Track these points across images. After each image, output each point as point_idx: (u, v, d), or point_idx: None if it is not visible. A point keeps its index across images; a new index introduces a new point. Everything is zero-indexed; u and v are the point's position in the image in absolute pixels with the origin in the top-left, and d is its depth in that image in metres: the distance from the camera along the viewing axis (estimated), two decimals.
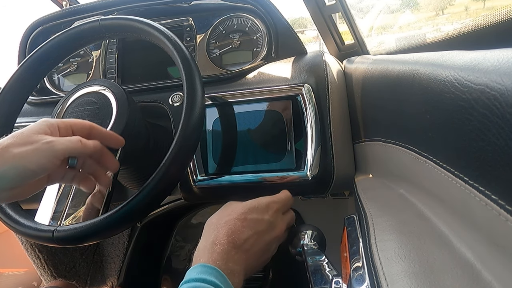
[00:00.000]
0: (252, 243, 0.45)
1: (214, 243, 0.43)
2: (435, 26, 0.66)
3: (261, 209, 0.48)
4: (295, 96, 0.65)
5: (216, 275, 0.39)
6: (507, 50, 0.24)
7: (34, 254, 0.91)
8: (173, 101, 0.70)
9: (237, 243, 0.43)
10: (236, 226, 0.45)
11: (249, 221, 0.46)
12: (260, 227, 0.47)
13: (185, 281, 0.39)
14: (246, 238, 0.45)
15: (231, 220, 0.46)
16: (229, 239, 0.43)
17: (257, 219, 0.47)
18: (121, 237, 1.10)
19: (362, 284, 0.35)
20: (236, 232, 0.44)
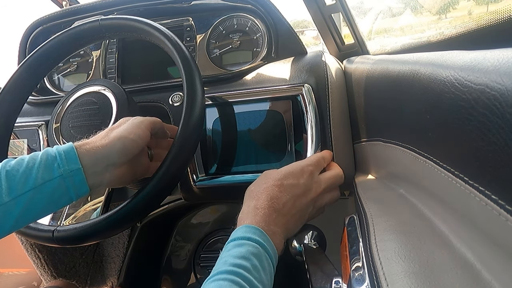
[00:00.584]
0: (290, 207, 0.48)
1: (256, 207, 0.46)
2: (438, 29, 0.66)
3: (296, 174, 0.51)
4: (295, 96, 0.65)
5: (259, 234, 0.42)
6: (507, 50, 0.24)
7: (34, 254, 0.91)
8: (173, 101, 0.70)
9: (276, 207, 0.47)
10: (274, 192, 0.48)
11: (285, 186, 0.49)
12: (296, 191, 0.49)
13: (231, 240, 0.42)
14: (284, 202, 0.48)
15: (269, 187, 0.49)
16: (269, 203, 0.47)
17: (293, 184, 0.50)
18: (121, 237, 1.10)
19: (362, 284, 0.35)
20: (275, 197, 0.48)
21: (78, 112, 0.63)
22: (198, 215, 1.16)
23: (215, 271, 0.38)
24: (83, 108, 0.63)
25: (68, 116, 0.64)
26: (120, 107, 0.61)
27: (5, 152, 0.58)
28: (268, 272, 0.40)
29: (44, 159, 0.45)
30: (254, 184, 0.53)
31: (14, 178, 0.42)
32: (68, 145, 0.46)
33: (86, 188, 0.46)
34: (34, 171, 0.43)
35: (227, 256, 0.39)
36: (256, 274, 0.38)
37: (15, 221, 0.43)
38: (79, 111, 0.63)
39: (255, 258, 0.39)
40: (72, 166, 0.45)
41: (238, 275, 0.36)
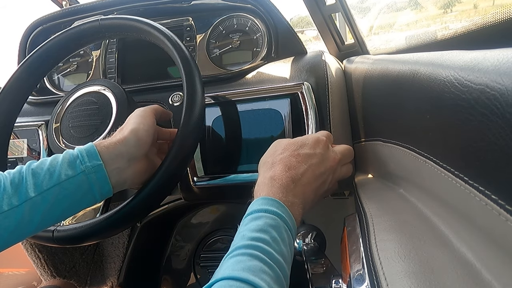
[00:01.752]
0: (309, 177, 0.47)
1: (273, 178, 0.45)
2: (444, 24, 0.66)
3: (312, 144, 0.50)
4: (294, 95, 0.65)
5: (277, 206, 0.41)
6: (507, 50, 0.24)
7: (34, 254, 0.91)
8: (173, 101, 0.70)
9: (295, 177, 0.45)
10: (291, 162, 0.47)
11: (302, 156, 0.48)
12: (313, 160, 0.48)
13: (248, 213, 0.41)
14: (302, 172, 0.46)
15: (286, 157, 0.47)
16: (287, 174, 0.45)
17: (310, 154, 0.48)
18: (121, 237, 1.10)
19: (362, 284, 0.35)
20: (293, 167, 0.46)
21: (78, 112, 0.63)
22: (198, 215, 1.16)
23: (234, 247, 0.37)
24: (83, 108, 0.63)
25: (68, 116, 0.64)
26: (120, 107, 0.61)
27: (5, 152, 0.58)
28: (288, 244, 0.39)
29: (66, 157, 0.46)
30: (268, 154, 0.51)
31: (39, 175, 0.44)
32: (88, 144, 0.48)
33: (108, 185, 0.47)
34: (58, 168, 0.45)
35: (245, 230, 0.38)
36: (276, 246, 0.37)
37: (41, 218, 0.44)
38: (79, 111, 0.63)
39: (274, 230, 0.38)
40: (93, 162, 0.46)
41: (257, 249, 0.35)
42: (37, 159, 0.74)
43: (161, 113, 0.58)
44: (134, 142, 0.49)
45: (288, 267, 0.38)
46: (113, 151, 0.48)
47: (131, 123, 0.51)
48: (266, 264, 0.34)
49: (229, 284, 0.31)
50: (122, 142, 0.49)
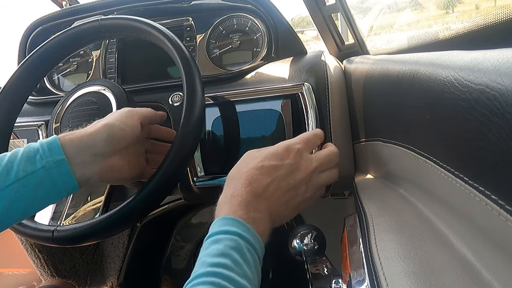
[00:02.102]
0: (274, 190, 0.44)
1: (233, 195, 0.42)
2: (445, 24, 0.66)
3: (280, 154, 0.46)
4: (294, 95, 0.65)
5: (238, 225, 0.38)
6: (507, 50, 0.24)
7: (34, 254, 0.91)
8: (173, 101, 0.70)
9: (256, 192, 0.42)
10: (253, 175, 0.44)
11: (266, 168, 0.44)
12: (280, 172, 0.45)
13: (208, 236, 0.39)
14: (265, 186, 0.43)
15: (248, 170, 0.44)
16: (247, 189, 0.42)
17: (275, 165, 0.45)
18: (121, 237, 1.10)
19: (362, 284, 0.35)
20: (254, 181, 0.43)
21: (78, 112, 0.63)
22: (198, 215, 1.16)
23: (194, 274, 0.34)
24: (83, 108, 0.63)
25: (68, 116, 0.64)
26: (120, 107, 0.61)
27: (5, 152, 0.58)
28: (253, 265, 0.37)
29: (26, 152, 0.43)
30: (234, 168, 0.47)
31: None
32: (52, 137, 0.45)
33: (73, 181, 0.44)
34: (16, 164, 0.42)
35: (205, 256, 0.36)
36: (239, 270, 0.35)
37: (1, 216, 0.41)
38: (79, 111, 0.63)
39: (236, 253, 0.36)
40: (55, 156, 0.43)
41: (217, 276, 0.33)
42: None
43: (152, 117, 0.55)
44: (104, 138, 0.47)
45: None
46: (78, 144, 0.45)
47: (108, 118, 0.49)
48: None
49: None
50: (90, 135, 0.46)
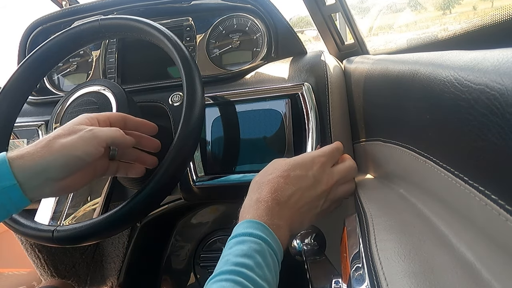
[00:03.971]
0: (297, 200, 0.45)
1: (259, 200, 0.43)
2: (443, 25, 0.66)
3: (305, 165, 0.47)
4: (294, 95, 0.65)
5: (262, 229, 0.40)
6: (507, 50, 0.24)
7: (34, 254, 0.91)
8: (173, 101, 0.70)
9: (280, 200, 0.44)
10: (279, 184, 0.45)
11: (292, 178, 0.46)
12: (304, 183, 0.46)
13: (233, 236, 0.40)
14: (289, 195, 0.44)
15: (274, 178, 0.46)
16: (273, 196, 0.44)
17: (301, 175, 0.46)
18: (121, 237, 1.10)
19: (362, 284, 0.35)
20: (279, 189, 0.44)
21: (78, 112, 0.63)
22: (198, 215, 1.16)
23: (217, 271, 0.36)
24: (83, 108, 0.63)
25: (68, 116, 0.64)
26: (120, 107, 0.61)
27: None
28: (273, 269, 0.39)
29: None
30: (260, 174, 0.49)
31: None
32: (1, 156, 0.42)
33: (25, 201, 0.43)
34: None
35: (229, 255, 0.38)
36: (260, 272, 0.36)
37: None
38: (79, 111, 0.63)
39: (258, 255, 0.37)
40: (5, 183, 0.41)
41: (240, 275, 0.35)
42: None
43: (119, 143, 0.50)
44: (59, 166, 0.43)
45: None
46: (31, 169, 0.42)
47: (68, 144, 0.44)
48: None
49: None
50: (44, 160, 0.43)
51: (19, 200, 0.42)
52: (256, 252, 0.37)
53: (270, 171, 0.47)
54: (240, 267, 0.35)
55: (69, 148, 0.44)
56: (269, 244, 0.39)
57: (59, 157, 0.43)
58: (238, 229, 0.41)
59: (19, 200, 0.42)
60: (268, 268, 0.38)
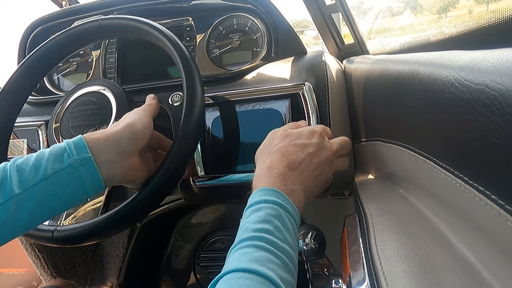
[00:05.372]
0: (307, 164, 0.47)
1: (270, 168, 0.45)
2: (439, 28, 0.66)
3: (307, 134, 0.50)
4: (295, 95, 0.65)
5: (276, 195, 0.41)
6: (507, 50, 0.24)
7: (34, 254, 0.91)
8: (173, 101, 0.70)
9: (292, 165, 0.45)
10: (288, 151, 0.47)
11: (299, 145, 0.48)
12: (310, 149, 0.48)
13: (249, 206, 0.41)
14: (300, 161, 0.46)
15: (283, 147, 0.48)
16: (284, 163, 0.45)
17: (306, 143, 0.48)
18: (121, 237, 1.10)
19: (362, 284, 0.35)
20: (290, 156, 0.46)
21: (77, 112, 0.63)
22: (198, 215, 1.16)
23: (238, 239, 0.36)
24: (83, 108, 0.63)
25: (68, 116, 0.64)
26: (120, 107, 0.61)
27: (5, 152, 0.58)
28: (292, 231, 0.39)
29: (53, 151, 0.45)
30: (263, 145, 0.51)
31: (24, 171, 0.42)
32: (77, 136, 0.46)
33: (99, 179, 0.46)
34: (44, 162, 0.43)
35: (247, 223, 0.38)
36: (280, 235, 0.37)
37: (29, 215, 0.42)
38: (79, 111, 0.63)
39: (276, 219, 0.38)
40: (82, 155, 0.44)
41: (261, 239, 0.35)
42: None
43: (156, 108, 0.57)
44: (128, 136, 0.49)
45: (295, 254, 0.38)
46: (104, 143, 0.47)
47: (129, 118, 0.51)
48: (272, 254, 0.34)
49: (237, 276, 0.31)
50: (114, 134, 0.48)
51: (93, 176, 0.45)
52: (273, 217, 0.38)
53: (277, 141, 0.49)
54: (260, 232, 0.36)
55: (131, 121, 0.50)
56: (286, 208, 0.40)
57: (126, 130, 0.49)
58: (253, 198, 0.42)
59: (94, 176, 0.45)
60: (288, 231, 0.38)
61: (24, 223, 0.43)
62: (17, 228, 0.43)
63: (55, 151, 0.45)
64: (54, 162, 0.44)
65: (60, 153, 0.44)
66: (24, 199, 0.42)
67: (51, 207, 0.44)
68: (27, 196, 0.42)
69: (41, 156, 0.44)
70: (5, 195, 0.41)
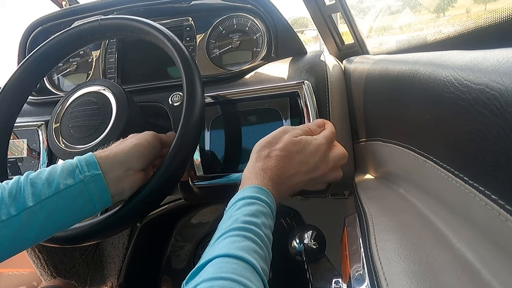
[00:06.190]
0: (295, 180, 0.50)
1: (264, 170, 0.48)
2: (436, 28, 0.66)
3: (311, 152, 0.51)
4: (294, 94, 0.64)
5: (267, 196, 0.45)
6: (507, 50, 0.24)
7: (34, 254, 0.91)
8: (173, 101, 0.70)
9: (282, 176, 0.49)
10: (284, 163, 0.49)
11: (296, 161, 0.50)
12: (304, 168, 0.51)
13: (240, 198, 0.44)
14: (290, 175, 0.49)
15: (282, 157, 0.50)
16: (277, 172, 0.48)
17: (304, 161, 0.51)
18: (121, 237, 1.10)
19: (362, 284, 0.35)
20: (284, 167, 0.49)
21: (77, 112, 0.63)
22: (198, 215, 1.16)
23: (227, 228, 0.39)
24: (83, 108, 0.63)
25: (68, 116, 0.64)
26: (120, 107, 0.61)
27: (5, 152, 0.58)
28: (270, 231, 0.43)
29: (65, 167, 0.47)
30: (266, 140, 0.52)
31: (37, 185, 0.44)
32: (88, 154, 0.49)
33: (107, 194, 0.48)
34: (57, 177, 0.45)
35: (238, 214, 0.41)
36: (265, 231, 0.41)
37: (39, 227, 0.44)
38: (79, 111, 0.63)
39: (264, 217, 0.42)
40: (92, 171, 0.47)
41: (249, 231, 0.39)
42: (37, 159, 0.74)
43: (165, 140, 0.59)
44: (136, 155, 0.51)
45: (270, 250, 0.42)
46: (113, 160, 0.49)
47: (135, 138, 0.53)
48: (257, 245, 0.38)
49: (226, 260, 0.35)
50: (123, 151, 0.50)
51: (102, 191, 0.47)
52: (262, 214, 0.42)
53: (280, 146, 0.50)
54: (249, 225, 0.39)
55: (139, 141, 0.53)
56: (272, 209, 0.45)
57: (134, 148, 0.51)
58: (246, 192, 0.44)
59: (102, 191, 0.47)
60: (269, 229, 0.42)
61: (34, 235, 0.44)
62: (28, 240, 0.44)
63: (67, 167, 0.47)
64: (67, 177, 0.46)
65: (72, 169, 0.46)
66: (36, 212, 0.43)
67: (60, 220, 0.46)
68: (39, 209, 0.43)
69: (53, 171, 0.46)
70: (19, 207, 0.43)
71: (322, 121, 0.58)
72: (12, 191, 0.43)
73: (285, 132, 0.52)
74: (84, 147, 0.59)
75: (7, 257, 0.43)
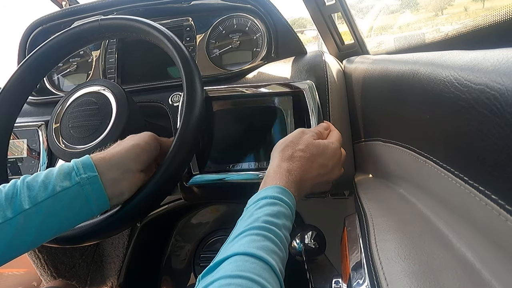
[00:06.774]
0: (314, 182, 0.52)
1: (289, 172, 0.49)
2: (435, 26, 0.66)
3: (329, 155, 0.53)
4: (297, 93, 0.64)
5: (290, 198, 0.45)
6: (507, 50, 0.24)
7: (34, 254, 0.91)
8: (173, 101, 0.70)
9: (304, 178, 0.50)
10: (307, 165, 0.51)
11: (318, 164, 0.52)
12: (323, 170, 0.52)
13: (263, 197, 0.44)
14: (311, 177, 0.51)
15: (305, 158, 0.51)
16: (301, 174, 0.49)
17: (324, 164, 0.52)
18: (121, 237, 1.10)
19: (362, 284, 0.35)
20: (306, 170, 0.50)
21: (77, 112, 0.63)
22: (198, 215, 1.16)
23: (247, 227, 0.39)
24: (83, 108, 0.63)
25: (67, 116, 0.64)
26: (120, 107, 0.61)
27: (5, 152, 0.58)
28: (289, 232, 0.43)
29: (62, 169, 0.46)
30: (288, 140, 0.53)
31: (33, 187, 0.44)
32: (85, 156, 0.48)
33: (104, 197, 0.47)
34: (53, 180, 0.45)
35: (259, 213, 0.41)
36: (285, 232, 0.41)
37: (36, 230, 0.43)
38: (79, 111, 0.63)
39: (285, 219, 0.42)
40: (89, 173, 0.46)
41: (270, 231, 0.39)
42: (37, 159, 0.74)
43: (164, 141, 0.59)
44: (132, 157, 0.50)
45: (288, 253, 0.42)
46: (109, 162, 0.48)
47: (133, 139, 0.53)
48: (277, 246, 0.38)
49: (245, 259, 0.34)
50: (119, 153, 0.50)
51: (99, 193, 0.47)
52: (283, 215, 0.42)
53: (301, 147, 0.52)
54: (270, 225, 0.40)
55: (136, 142, 0.52)
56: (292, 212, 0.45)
57: (131, 149, 0.50)
58: (269, 192, 0.45)
59: (99, 193, 0.47)
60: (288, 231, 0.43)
61: (31, 239, 0.44)
62: (25, 243, 0.44)
63: (63, 170, 0.46)
64: (63, 180, 0.45)
65: (68, 171, 0.46)
66: (32, 214, 0.43)
67: (57, 223, 0.45)
68: (35, 212, 0.43)
69: (50, 174, 0.46)
70: (15, 210, 0.42)
71: (327, 124, 0.60)
72: (9, 194, 0.43)
73: (303, 133, 0.54)
74: (84, 147, 0.59)
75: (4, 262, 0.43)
